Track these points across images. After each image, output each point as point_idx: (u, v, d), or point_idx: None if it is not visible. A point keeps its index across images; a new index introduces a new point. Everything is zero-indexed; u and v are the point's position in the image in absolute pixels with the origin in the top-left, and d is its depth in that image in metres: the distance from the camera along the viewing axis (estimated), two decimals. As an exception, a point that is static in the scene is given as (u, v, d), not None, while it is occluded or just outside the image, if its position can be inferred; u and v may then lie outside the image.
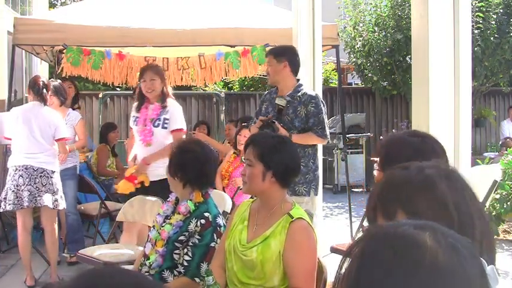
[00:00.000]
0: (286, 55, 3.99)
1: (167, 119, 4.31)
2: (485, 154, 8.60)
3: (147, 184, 4.27)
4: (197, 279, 2.56)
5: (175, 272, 2.67)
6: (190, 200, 2.73)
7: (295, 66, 4.02)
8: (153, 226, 2.88)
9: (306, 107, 3.91)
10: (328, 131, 3.99)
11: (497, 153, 8.66)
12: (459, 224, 1.08)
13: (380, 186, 1.19)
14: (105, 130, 6.80)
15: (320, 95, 4.15)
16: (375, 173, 2.00)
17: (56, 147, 4.62)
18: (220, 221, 2.71)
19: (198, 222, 2.64)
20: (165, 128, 4.31)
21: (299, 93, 3.95)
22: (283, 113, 3.92)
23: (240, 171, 5.36)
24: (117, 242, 5.01)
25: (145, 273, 2.71)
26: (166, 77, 5.22)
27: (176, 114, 4.39)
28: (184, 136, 4.54)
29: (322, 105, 3.96)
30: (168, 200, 2.93)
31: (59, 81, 5.40)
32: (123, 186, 4.35)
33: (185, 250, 2.64)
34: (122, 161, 7.07)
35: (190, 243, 2.63)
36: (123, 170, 6.69)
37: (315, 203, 4.06)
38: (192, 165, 2.76)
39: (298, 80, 4.07)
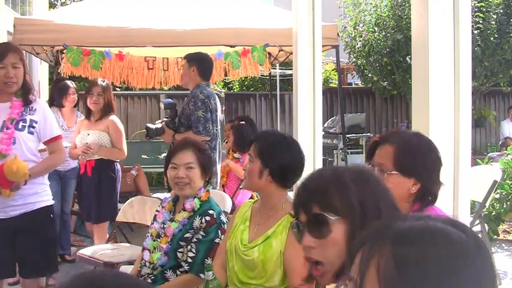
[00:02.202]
0: (196, 61, 4.47)
1: (35, 122, 3.10)
2: (489, 155, 8.59)
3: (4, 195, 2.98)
4: (202, 276, 2.56)
5: (178, 272, 2.67)
6: (197, 197, 2.73)
7: (204, 71, 4.46)
8: (150, 234, 2.84)
9: (188, 105, 4.34)
10: (204, 127, 4.27)
11: (498, 153, 8.67)
12: (363, 218, 1.27)
13: (300, 188, 1.38)
14: None
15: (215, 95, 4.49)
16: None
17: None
18: (224, 218, 2.72)
19: (203, 219, 2.65)
20: (32, 133, 3.09)
21: (191, 94, 4.38)
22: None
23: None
24: (117, 242, 5.01)
25: (147, 274, 2.71)
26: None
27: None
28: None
29: (200, 102, 4.28)
30: (162, 206, 2.90)
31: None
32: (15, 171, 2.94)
33: (189, 247, 2.64)
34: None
35: (195, 239, 2.64)
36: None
37: None
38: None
39: (205, 82, 4.47)
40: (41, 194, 3.15)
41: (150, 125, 4.47)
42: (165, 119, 4.50)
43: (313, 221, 1.30)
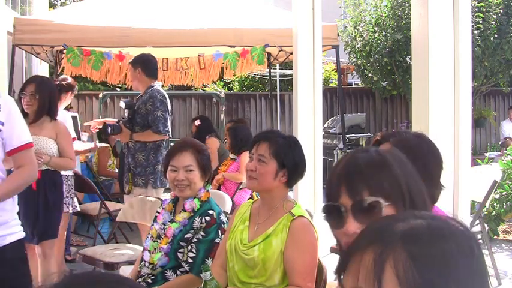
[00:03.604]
0: (139, 63, 4.52)
1: (1, 123, 2.32)
2: (487, 154, 8.60)
3: None
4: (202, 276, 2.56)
5: (179, 272, 2.67)
6: (197, 198, 2.73)
7: (149, 71, 4.51)
8: (150, 235, 2.84)
9: (145, 105, 4.36)
10: (164, 127, 4.35)
11: (498, 153, 8.68)
12: (411, 203, 1.21)
13: (344, 167, 1.27)
14: None
15: (162, 95, 4.47)
16: None
17: None
18: (224, 218, 2.72)
19: (203, 219, 2.65)
20: None
21: (146, 94, 4.42)
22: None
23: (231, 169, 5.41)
24: (117, 242, 5.02)
25: (147, 274, 2.71)
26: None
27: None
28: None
29: (159, 103, 4.35)
30: (162, 207, 2.90)
31: None
32: None
33: (189, 247, 2.64)
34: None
35: (195, 239, 2.64)
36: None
37: (159, 195, 4.33)
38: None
39: (154, 82, 4.52)
40: (11, 225, 2.34)
41: (108, 123, 4.49)
42: (122, 119, 4.52)
43: (362, 206, 1.21)
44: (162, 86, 6.58)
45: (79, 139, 5.37)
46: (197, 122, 6.50)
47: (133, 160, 4.38)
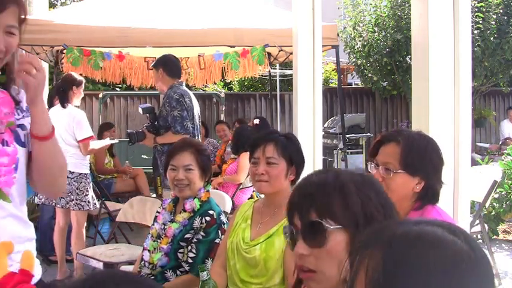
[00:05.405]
0: (160, 63, 4.53)
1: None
2: (479, 144, 8.68)
3: None
4: None
5: (178, 272, 2.67)
6: (197, 198, 2.73)
7: (171, 71, 4.52)
8: (150, 235, 2.84)
9: (164, 107, 4.39)
10: (182, 126, 4.31)
11: (488, 145, 8.75)
12: (368, 225, 1.17)
13: (298, 189, 1.29)
14: (101, 129, 7.03)
15: (186, 94, 4.48)
16: (371, 171, 2.02)
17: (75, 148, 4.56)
18: (224, 218, 2.73)
19: (203, 220, 2.65)
20: (24, 145, 1.64)
21: (165, 96, 4.44)
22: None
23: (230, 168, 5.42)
24: (117, 242, 5.02)
25: (147, 274, 2.71)
26: None
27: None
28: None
29: (175, 103, 4.33)
30: (162, 207, 2.90)
31: None
32: None
33: (189, 247, 2.64)
34: (121, 163, 7.08)
35: (195, 240, 2.64)
36: (122, 170, 6.71)
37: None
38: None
39: (177, 82, 4.50)
40: None
41: (130, 131, 4.51)
42: (146, 125, 4.53)
43: (309, 228, 1.21)
44: (186, 85, 6.58)
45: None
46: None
47: (162, 162, 4.40)
